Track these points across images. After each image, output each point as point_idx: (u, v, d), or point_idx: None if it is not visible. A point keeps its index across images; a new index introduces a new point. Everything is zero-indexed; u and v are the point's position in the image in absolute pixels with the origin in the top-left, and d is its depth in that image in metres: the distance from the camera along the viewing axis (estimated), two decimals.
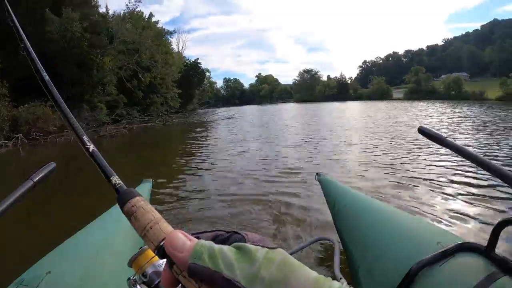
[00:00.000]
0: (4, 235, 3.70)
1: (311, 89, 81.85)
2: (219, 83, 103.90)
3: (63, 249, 1.60)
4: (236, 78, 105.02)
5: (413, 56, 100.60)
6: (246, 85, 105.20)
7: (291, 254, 1.62)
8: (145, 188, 2.97)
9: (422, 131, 1.47)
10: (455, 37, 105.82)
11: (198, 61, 43.21)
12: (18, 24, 0.68)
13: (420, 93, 57.35)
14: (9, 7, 0.70)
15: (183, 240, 0.33)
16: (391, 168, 6.23)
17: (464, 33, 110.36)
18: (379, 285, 1.45)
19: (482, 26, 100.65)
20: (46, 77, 0.62)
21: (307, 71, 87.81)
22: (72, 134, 0.53)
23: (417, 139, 9.39)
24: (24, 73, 12.66)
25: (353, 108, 35.36)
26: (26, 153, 10.42)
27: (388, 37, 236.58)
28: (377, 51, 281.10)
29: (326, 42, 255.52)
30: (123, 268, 1.23)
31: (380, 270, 1.49)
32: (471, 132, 11.07)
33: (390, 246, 1.55)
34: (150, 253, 0.76)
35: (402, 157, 7.07)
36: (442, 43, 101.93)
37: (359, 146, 9.10)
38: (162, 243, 0.35)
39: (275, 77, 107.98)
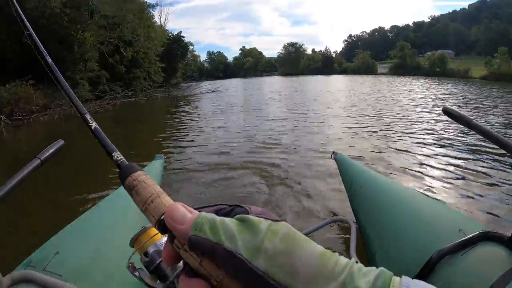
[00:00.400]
0: (11, 216, 3.69)
1: (296, 62, 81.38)
2: (203, 57, 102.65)
3: (71, 230, 1.59)
4: (220, 52, 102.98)
5: (399, 31, 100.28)
6: (230, 58, 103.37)
7: (306, 235, 1.69)
8: (157, 165, 2.97)
9: (446, 111, 1.40)
10: (442, 15, 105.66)
11: (181, 34, 42.19)
12: (22, 14, 0.72)
13: (405, 69, 57.48)
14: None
15: (183, 212, 0.32)
16: (374, 137, 6.74)
17: (451, 11, 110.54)
18: (396, 271, 1.33)
19: (469, 5, 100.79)
20: (50, 60, 0.67)
21: (292, 44, 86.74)
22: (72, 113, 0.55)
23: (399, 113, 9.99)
24: None
25: (338, 81, 36.09)
26: (10, 134, 10.23)
27: (374, 12, 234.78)
28: (363, 26, 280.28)
29: (312, 15, 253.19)
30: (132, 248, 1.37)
31: (398, 256, 1.44)
32: (454, 108, 11.20)
33: (409, 231, 1.50)
34: (153, 231, 0.76)
35: (386, 130, 7.42)
36: (429, 20, 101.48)
37: (342, 119, 9.58)
38: (163, 217, 0.34)
39: (259, 50, 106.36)
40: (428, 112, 10.37)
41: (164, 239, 0.57)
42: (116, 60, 23.81)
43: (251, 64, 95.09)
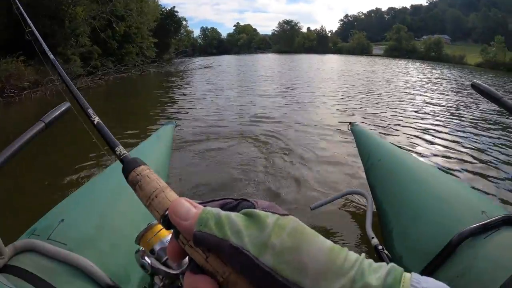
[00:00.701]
0: (13, 183, 3.66)
1: (290, 40, 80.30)
2: (196, 33, 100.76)
3: (76, 197, 1.55)
4: (214, 27, 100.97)
5: (396, 14, 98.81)
6: (224, 34, 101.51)
7: (320, 205, 2.50)
8: (168, 130, 2.90)
9: (475, 86, 1.35)
10: (440, 0, 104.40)
11: (175, 9, 41.48)
12: (24, 12, 0.72)
13: (400, 51, 57.52)
14: None
15: (187, 207, 0.32)
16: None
17: None
18: (414, 251, 1.36)
19: None
20: (51, 56, 0.68)
21: (287, 22, 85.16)
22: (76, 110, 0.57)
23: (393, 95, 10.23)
24: None
25: (333, 61, 36.07)
26: (1, 111, 10.13)
27: None
28: (360, 6, 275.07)
29: None
30: (139, 215, 1.34)
31: (417, 235, 1.39)
32: (448, 93, 11.83)
33: (429, 210, 1.43)
34: (158, 227, 0.76)
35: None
36: (427, 4, 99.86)
37: (334, 98, 9.71)
38: (167, 212, 0.33)
39: (253, 27, 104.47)
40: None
41: (170, 235, 0.57)
42: (108, 35, 23.30)
43: (245, 41, 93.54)
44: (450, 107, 8.60)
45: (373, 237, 1.73)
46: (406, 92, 11.21)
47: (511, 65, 37.07)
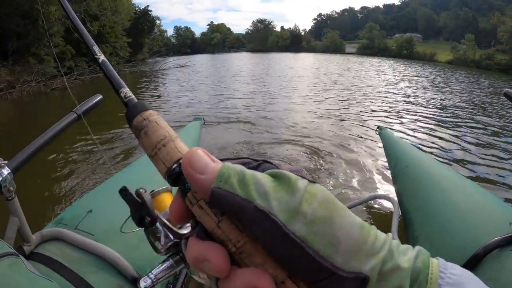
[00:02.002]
0: (44, 172, 3.72)
1: (264, 39, 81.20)
2: (170, 32, 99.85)
3: (104, 189, 1.52)
4: (187, 27, 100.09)
5: (368, 13, 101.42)
6: (198, 34, 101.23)
7: None
8: (195, 126, 2.83)
9: (508, 95, 1.31)
10: None
11: (149, 8, 40.98)
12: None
13: (372, 50, 59.05)
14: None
15: (205, 159, 0.27)
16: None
17: None
18: None
19: None
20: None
21: (261, 21, 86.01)
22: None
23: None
24: None
25: (306, 60, 36.37)
26: None
27: None
28: (333, 5, 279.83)
29: None
30: None
31: (443, 245, 1.35)
32: (421, 90, 12.18)
33: (455, 220, 1.40)
34: (161, 196, 0.71)
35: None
36: (399, 3, 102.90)
37: (306, 97, 9.75)
38: (176, 166, 0.29)
39: (227, 26, 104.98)
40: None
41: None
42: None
43: (219, 40, 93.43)
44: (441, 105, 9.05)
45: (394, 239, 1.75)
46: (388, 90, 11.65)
47: (480, 62, 38.86)
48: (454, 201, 1.54)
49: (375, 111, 7.72)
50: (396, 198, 2.20)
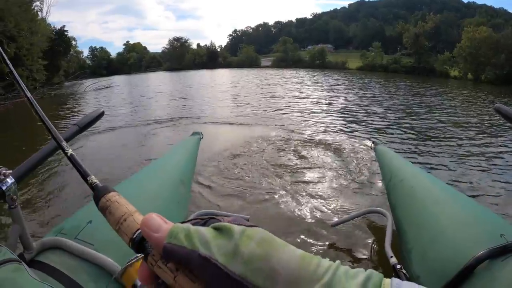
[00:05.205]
0: (45, 182, 3.85)
1: (181, 57, 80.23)
2: (85, 53, 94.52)
3: None
4: (103, 47, 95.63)
5: (282, 27, 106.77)
6: (114, 54, 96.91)
7: (340, 223, 2.73)
8: (193, 141, 2.87)
9: (498, 110, 1.33)
10: (323, 12, 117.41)
11: (65, 28, 38.85)
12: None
13: (287, 62, 61.55)
14: None
15: (159, 221, 0.32)
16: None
17: (332, 9, 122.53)
18: (432, 272, 1.34)
19: (349, 5, 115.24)
20: (28, 94, 0.69)
21: (177, 39, 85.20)
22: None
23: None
24: None
25: (223, 75, 35.73)
26: None
27: (259, 9, 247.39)
28: (248, 21, 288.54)
29: (197, 10, 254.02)
30: (175, 215, 1.58)
31: (435, 256, 1.38)
32: (331, 95, 13.38)
33: (447, 232, 1.44)
34: (139, 263, 0.71)
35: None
36: (311, 17, 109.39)
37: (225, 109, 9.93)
38: (136, 235, 0.34)
39: (144, 45, 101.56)
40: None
41: None
42: None
43: (135, 60, 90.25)
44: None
45: (391, 256, 1.71)
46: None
47: (387, 67, 44.63)
48: (447, 213, 1.58)
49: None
50: (389, 212, 2.24)
